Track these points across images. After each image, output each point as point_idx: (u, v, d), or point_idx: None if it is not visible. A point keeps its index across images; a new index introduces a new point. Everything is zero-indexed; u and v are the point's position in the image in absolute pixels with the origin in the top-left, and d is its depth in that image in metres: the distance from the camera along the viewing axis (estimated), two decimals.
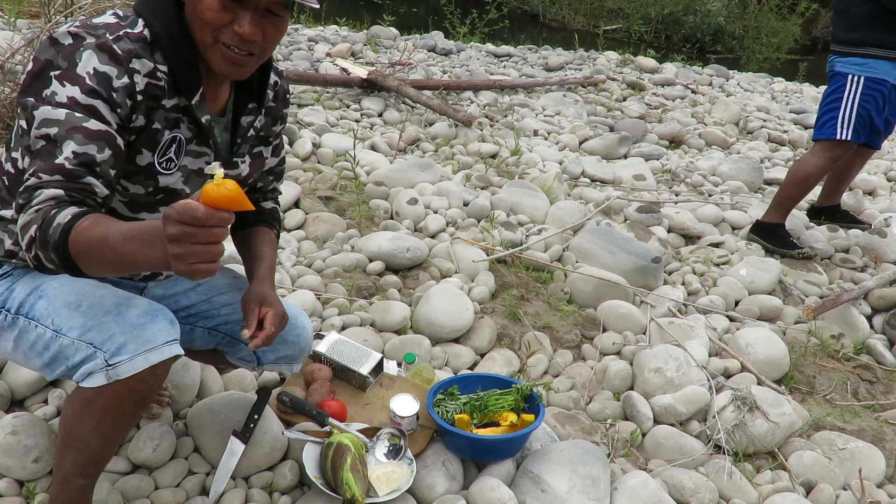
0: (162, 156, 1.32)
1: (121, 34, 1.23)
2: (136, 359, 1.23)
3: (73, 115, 1.17)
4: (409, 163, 3.74)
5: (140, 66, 1.23)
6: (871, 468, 2.08)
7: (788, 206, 3.37)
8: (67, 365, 1.26)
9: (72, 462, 1.35)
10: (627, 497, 1.81)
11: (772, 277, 3.02)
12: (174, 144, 1.34)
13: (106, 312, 1.26)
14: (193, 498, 1.69)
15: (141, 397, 1.28)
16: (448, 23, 7.73)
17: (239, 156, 1.50)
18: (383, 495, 1.66)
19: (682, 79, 6.98)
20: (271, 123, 1.57)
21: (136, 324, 1.25)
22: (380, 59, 6.08)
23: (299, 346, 1.70)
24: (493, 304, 2.67)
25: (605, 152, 4.67)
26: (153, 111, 1.28)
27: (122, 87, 1.21)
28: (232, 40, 1.25)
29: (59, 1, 3.54)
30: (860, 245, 3.50)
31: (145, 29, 1.26)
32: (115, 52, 1.20)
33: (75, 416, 1.30)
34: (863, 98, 3.07)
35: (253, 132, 1.50)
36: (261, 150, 1.58)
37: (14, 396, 1.87)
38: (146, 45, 1.25)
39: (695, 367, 2.32)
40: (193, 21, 1.27)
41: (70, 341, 1.26)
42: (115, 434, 1.32)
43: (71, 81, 1.18)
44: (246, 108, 1.46)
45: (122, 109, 1.22)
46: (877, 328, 2.88)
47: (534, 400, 1.93)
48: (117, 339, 1.23)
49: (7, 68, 3.33)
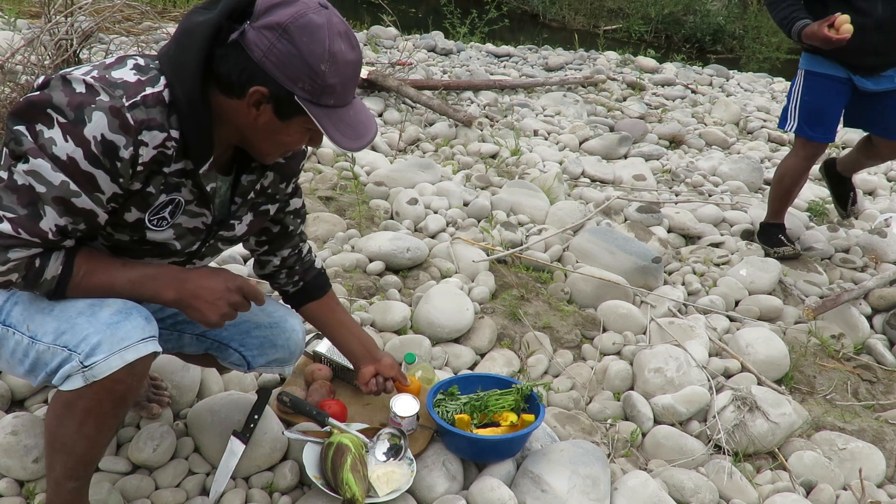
0: (154, 214, 1.28)
1: (138, 100, 1.15)
2: (112, 358, 1.20)
3: (67, 185, 1.13)
4: (409, 163, 3.74)
5: (149, 139, 1.17)
6: (871, 468, 2.08)
7: (775, 206, 3.37)
8: (46, 371, 1.24)
9: (61, 465, 1.35)
10: (627, 497, 1.81)
11: (772, 277, 3.02)
12: (170, 206, 1.29)
13: (79, 314, 1.24)
14: (193, 498, 1.69)
15: (120, 397, 1.26)
16: (448, 23, 7.73)
17: (236, 217, 1.45)
18: (383, 495, 1.66)
19: (682, 79, 6.98)
20: (279, 180, 1.50)
21: (109, 323, 1.22)
22: (380, 59, 6.08)
23: (289, 349, 1.70)
24: (493, 304, 2.66)
25: (605, 152, 4.67)
26: (152, 177, 1.23)
27: (127, 157, 1.16)
28: (296, 149, 1.35)
29: (59, 1, 3.54)
30: (860, 245, 3.50)
31: (166, 89, 1.18)
32: (127, 121, 1.14)
33: (57, 420, 1.29)
34: (804, 91, 3.06)
35: (254, 193, 1.45)
36: (267, 207, 1.52)
37: (14, 396, 1.86)
38: (164, 107, 1.18)
39: (695, 367, 2.32)
40: (260, 135, 1.26)
41: (46, 346, 1.23)
42: (98, 436, 1.31)
43: (75, 140, 1.12)
44: (249, 167, 1.41)
45: (122, 179, 1.18)
46: (877, 328, 2.87)
47: (534, 400, 1.93)
48: (91, 340, 1.20)
49: (7, 68, 3.33)
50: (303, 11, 1.15)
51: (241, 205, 1.44)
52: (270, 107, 1.21)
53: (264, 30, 1.15)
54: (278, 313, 1.69)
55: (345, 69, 1.19)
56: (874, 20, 2.78)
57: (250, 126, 1.24)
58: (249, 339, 1.64)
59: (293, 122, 1.24)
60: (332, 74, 1.18)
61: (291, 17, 1.15)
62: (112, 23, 3.73)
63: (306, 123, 1.23)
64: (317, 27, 1.15)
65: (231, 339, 1.63)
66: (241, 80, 1.18)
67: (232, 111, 1.23)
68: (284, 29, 1.14)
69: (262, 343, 1.65)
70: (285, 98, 1.19)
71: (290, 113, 1.21)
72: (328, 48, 1.16)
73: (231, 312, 1.33)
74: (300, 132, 1.27)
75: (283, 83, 1.17)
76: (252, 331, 1.64)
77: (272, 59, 1.16)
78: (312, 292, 1.75)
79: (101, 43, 3.82)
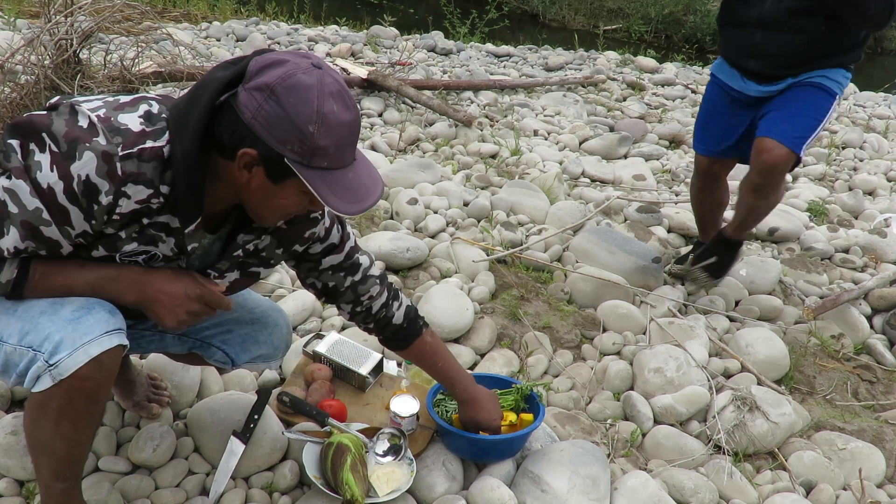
0: (126, 256, 1.25)
1: (133, 151, 1.13)
2: (76, 353, 1.18)
3: (40, 213, 1.13)
4: (409, 163, 3.74)
5: (133, 193, 1.15)
6: (871, 468, 2.08)
7: (697, 222, 3.13)
8: (16, 372, 1.23)
9: (45, 468, 1.34)
10: (627, 497, 1.81)
11: (772, 277, 3.02)
12: (144, 255, 1.27)
13: (41, 313, 1.22)
14: (193, 498, 1.69)
15: (91, 394, 1.24)
16: (448, 23, 7.73)
17: (216, 270, 1.40)
18: (383, 495, 1.66)
19: (682, 79, 6.98)
20: (276, 245, 1.46)
21: (70, 319, 1.20)
22: (380, 59, 6.08)
23: (272, 344, 1.69)
24: (493, 304, 2.66)
25: (605, 152, 4.67)
26: (126, 226, 1.21)
27: (105, 204, 1.14)
28: (296, 212, 1.31)
29: (59, 1, 3.54)
30: (860, 245, 3.50)
31: (167, 145, 1.16)
32: (115, 170, 1.12)
33: (34, 423, 1.28)
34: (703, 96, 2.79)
35: (243, 252, 1.40)
36: (258, 270, 1.48)
37: (14, 396, 1.87)
38: (159, 163, 1.16)
39: (695, 367, 2.32)
40: (256, 198, 1.23)
41: (13, 347, 1.22)
42: (76, 434, 1.30)
43: (60, 172, 1.10)
44: (249, 226, 1.38)
45: (95, 222, 1.16)
46: (877, 328, 2.87)
47: (534, 400, 1.93)
48: (53, 338, 1.19)
49: (7, 68, 3.33)
50: (292, 72, 1.13)
51: (224, 259, 1.40)
52: (262, 169, 1.18)
53: (254, 91, 1.13)
54: (260, 309, 1.68)
55: (338, 130, 1.15)
56: (757, 16, 2.40)
57: (244, 188, 1.22)
58: (231, 337, 1.64)
59: (286, 185, 1.20)
60: (323, 136, 1.14)
61: (280, 78, 1.12)
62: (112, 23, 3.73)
63: (300, 186, 1.19)
64: (305, 88, 1.12)
65: (213, 338, 1.63)
66: (231, 142, 1.16)
67: (229, 172, 1.21)
68: (272, 90, 1.12)
69: (244, 340, 1.65)
70: (276, 160, 1.16)
71: (282, 175, 1.18)
72: (317, 109, 1.13)
73: (189, 319, 1.30)
74: (296, 195, 1.23)
75: (273, 145, 1.14)
76: (234, 329, 1.64)
77: (260, 121, 1.13)
78: (396, 343, 1.76)
79: (101, 43, 3.82)
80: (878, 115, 6.66)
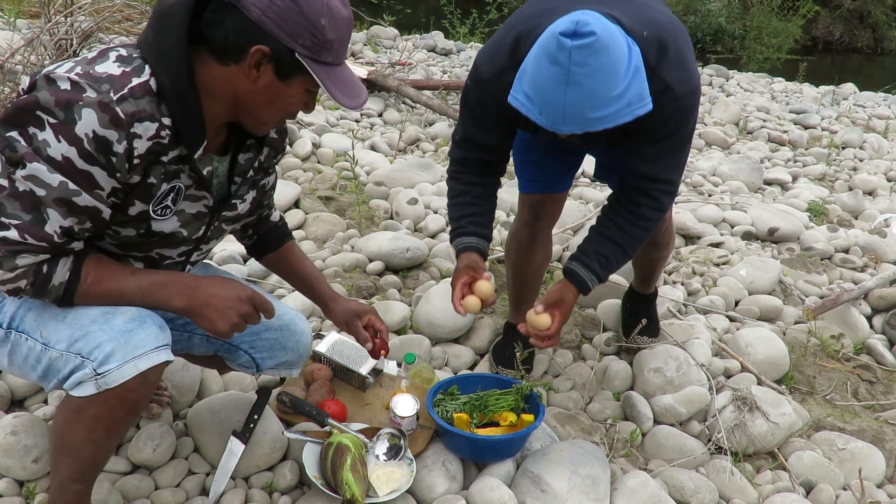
0: (157, 204, 1.28)
1: (125, 92, 1.14)
2: (125, 366, 1.20)
3: (66, 185, 1.13)
4: (409, 163, 3.74)
5: (142, 131, 1.16)
6: (871, 468, 2.08)
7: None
8: (59, 377, 1.24)
9: (67, 469, 1.35)
10: (627, 497, 1.81)
11: (772, 277, 3.02)
12: (172, 193, 1.29)
13: (92, 321, 1.23)
14: (193, 498, 1.69)
15: (132, 405, 1.26)
16: (448, 23, 7.73)
17: (238, 197, 1.46)
18: (383, 495, 1.66)
19: None
20: (273, 154, 1.54)
21: (123, 330, 1.22)
22: (380, 59, 6.08)
23: (298, 351, 1.71)
24: (493, 305, 2.66)
25: None
26: (151, 167, 1.23)
27: (121, 152, 1.14)
28: (292, 117, 1.33)
29: (59, 1, 3.54)
30: (860, 245, 3.50)
31: (151, 78, 1.17)
32: (118, 115, 1.12)
33: (66, 424, 1.29)
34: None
35: (253, 171, 1.47)
36: (265, 181, 1.57)
37: (14, 396, 1.87)
38: (152, 97, 1.17)
39: (695, 367, 2.32)
40: (259, 100, 1.25)
41: (59, 353, 1.23)
42: (107, 441, 1.31)
43: (68, 139, 1.11)
44: (245, 145, 1.43)
45: (119, 174, 1.17)
46: (877, 328, 2.87)
47: (534, 400, 1.93)
48: (105, 348, 1.20)
49: (7, 68, 3.33)
50: None
51: (241, 184, 1.45)
52: (271, 67, 1.21)
53: None
54: (287, 316, 1.69)
55: (341, 24, 1.22)
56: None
57: (249, 91, 1.24)
58: (260, 342, 1.64)
59: (293, 83, 1.24)
60: (331, 30, 1.19)
61: None
62: (112, 23, 3.74)
63: (306, 83, 1.25)
64: None
65: (241, 341, 1.63)
66: (239, 42, 1.18)
67: (227, 81, 1.23)
68: None
69: (272, 345, 1.66)
70: (286, 56, 1.19)
71: (290, 72, 1.22)
72: (326, 2, 1.18)
73: (241, 323, 1.31)
74: (300, 93, 1.27)
75: (284, 41, 1.18)
76: (262, 333, 1.64)
77: (271, 17, 1.16)
78: (268, 245, 1.74)
79: (100, 43, 3.82)
80: (878, 115, 6.66)
